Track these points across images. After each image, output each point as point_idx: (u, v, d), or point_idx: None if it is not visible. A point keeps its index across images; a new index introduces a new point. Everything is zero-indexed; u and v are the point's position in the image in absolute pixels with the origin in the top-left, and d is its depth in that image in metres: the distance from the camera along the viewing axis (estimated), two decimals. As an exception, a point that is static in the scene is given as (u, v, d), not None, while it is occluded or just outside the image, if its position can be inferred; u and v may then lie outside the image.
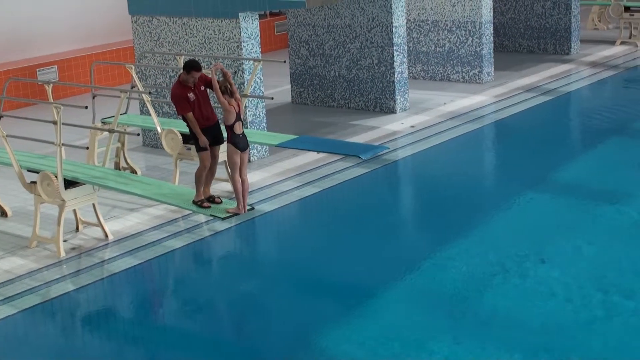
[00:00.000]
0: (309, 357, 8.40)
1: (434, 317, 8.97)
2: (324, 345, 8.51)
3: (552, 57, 21.41)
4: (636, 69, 20.28)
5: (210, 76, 10.70)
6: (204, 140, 10.63)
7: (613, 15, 23.10)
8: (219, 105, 10.43)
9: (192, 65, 10.66)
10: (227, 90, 10.29)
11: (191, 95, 10.64)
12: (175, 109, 11.09)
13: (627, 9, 22.60)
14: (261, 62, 13.29)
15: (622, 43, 22.67)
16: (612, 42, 22.92)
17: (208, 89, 10.87)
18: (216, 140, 10.86)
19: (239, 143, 10.34)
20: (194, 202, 10.44)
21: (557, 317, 8.78)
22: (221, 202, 10.65)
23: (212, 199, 10.64)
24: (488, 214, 11.73)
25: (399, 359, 8.19)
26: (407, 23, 18.79)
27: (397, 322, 8.87)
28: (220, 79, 10.43)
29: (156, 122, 12.77)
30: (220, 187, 12.50)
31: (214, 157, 10.92)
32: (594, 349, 8.19)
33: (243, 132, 10.42)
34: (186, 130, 11.15)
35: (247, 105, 13.61)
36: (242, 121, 10.39)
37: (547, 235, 10.82)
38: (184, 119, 10.78)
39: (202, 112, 10.74)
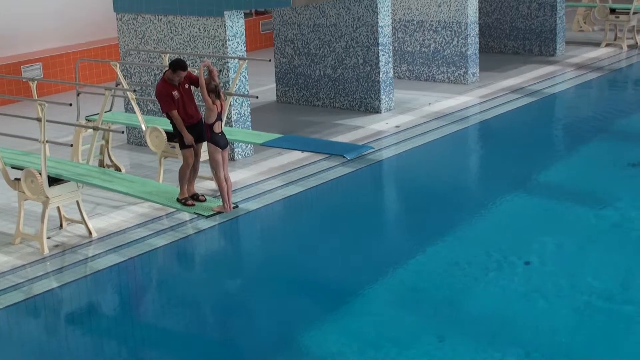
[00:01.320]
0: (292, 356, 8.45)
1: (418, 316, 9.04)
2: (307, 345, 8.57)
3: (537, 58, 21.52)
4: (621, 71, 20.43)
5: (195, 74, 10.75)
6: (189, 138, 10.70)
7: (598, 17, 23.25)
8: (204, 103, 10.49)
9: (178, 65, 10.73)
10: (215, 90, 10.36)
11: (176, 93, 10.71)
12: (159, 107, 11.13)
13: (612, 10, 22.73)
14: (246, 60, 13.34)
15: (608, 45, 22.81)
16: (597, 44, 23.05)
17: (193, 87, 10.94)
18: (200, 138, 10.92)
19: (220, 141, 10.44)
20: (178, 200, 10.50)
21: (539, 317, 8.87)
22: (205, 200, 10.71)
23: (196, 197, 10.70)
24: (472, 214, 11.81)
25: (382, 357, 8.27)
26: (392, 23, 18.86)
27: (381, 321, 8.94)
28: (207, 76, 10.49)
29: (141, 119, 12.81)
30: (204, 185, 12.55)
31: (197, 155, 10.99)
32: (577, 349, 8.29)
33: (222, 130, 10.50)
34: (171, 128, 11.21)
35: (231, 103, 13.66)
36: (222, 120, 10.48)
37: (531, 235, 10.91)
38: (168, 117, 10.84)
39: (187, 110, 10.81)
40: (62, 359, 8.69)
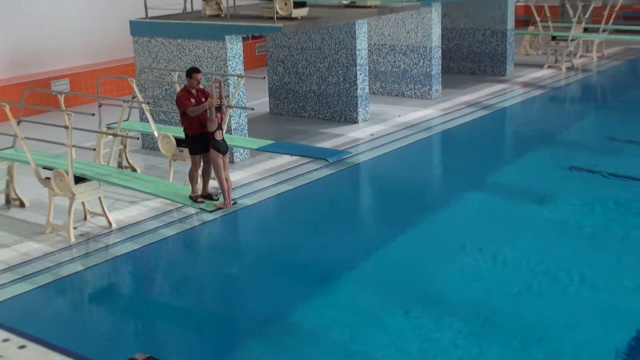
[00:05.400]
0: (280, 327, 8.45)
1: (388, 295, 9.07)
2: (292, 319, 8.58)
3: (490, 77, 21.57)
4: (560, 88, 20.51)
5: (208, 90, 10.75)
6: (209, 104, 10.32)
7: (542, 42, 23.33)
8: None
9: (192, 69, 10.70)
10: (219, 107, 10.36)
11: (193, 101, 10.66)
12: (178, 111, 10.94)
13: (553, 38, 22.84)
14: (244, 78, 13.33)
15: (549, 67, 22.91)
16: (540, 66, 23.14)
17: None
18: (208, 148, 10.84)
19: (220, 148, 10.43)
20: (190, 198, 10.48)
21: (490, 295, 8.94)
22: (218, 199, 10.66)
23: (210, 197, 10.64)
24: (435, 210, 11.83)
25: (357, 328, 8.29)
26: (368, 47, 18.89)
27: (357, 299, 8.96)
28: (217, 89, 10.44)
29: (154, 127, 12.77)
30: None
31: (210, 162, 10.91)
32: (519, 321, 8.33)
33: (223, 138, 10.48)
34: (180, 134, 11.14)
35: (231, 114, 13.63)
36: (222, 129, 10.47)
37: (484, 228, 10.95)
38: (185, 118, 10.63)
39: (200, 119, 10.74)
40: (86, 332, 8.66)
